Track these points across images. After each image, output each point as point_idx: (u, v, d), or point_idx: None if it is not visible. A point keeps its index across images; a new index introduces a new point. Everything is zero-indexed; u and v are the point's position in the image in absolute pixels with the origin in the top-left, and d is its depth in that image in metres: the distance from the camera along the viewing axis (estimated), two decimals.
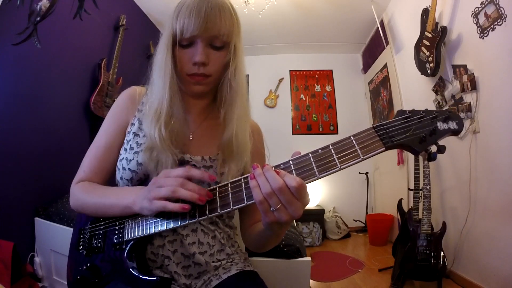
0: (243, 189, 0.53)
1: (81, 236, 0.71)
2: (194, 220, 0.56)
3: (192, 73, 0.67)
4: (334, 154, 0.50)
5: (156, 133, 0.64)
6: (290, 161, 0.52)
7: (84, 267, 0.66)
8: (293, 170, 0.51)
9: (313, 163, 0.50)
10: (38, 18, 1.53)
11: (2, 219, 1.58)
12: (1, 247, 1.37)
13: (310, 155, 0.51)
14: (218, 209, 0.54)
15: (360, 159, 0.49)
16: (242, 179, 0.54)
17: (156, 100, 0.67)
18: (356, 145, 0.50)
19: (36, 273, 1.67)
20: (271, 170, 0.49)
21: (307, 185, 0.49)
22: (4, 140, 1.62)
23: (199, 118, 0.76)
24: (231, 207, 0.53)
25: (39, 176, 1.82)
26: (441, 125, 0.50)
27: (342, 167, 0.49)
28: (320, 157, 0.50)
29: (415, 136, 0.50)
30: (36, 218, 1.74)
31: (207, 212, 0.55)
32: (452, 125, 0.50)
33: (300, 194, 0.48)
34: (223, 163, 0.69)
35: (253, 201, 0.50)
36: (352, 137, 0.51)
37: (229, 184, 0.55)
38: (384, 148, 0.49)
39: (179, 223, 0.57)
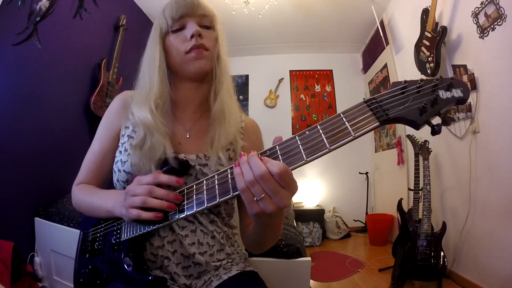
0: (216, 185, 0.52)
1: (85, 239, 0.73)
2: (172, 221, 0.57)
3: (191, 47, 0.69)
4: (322, 135, 0.45)
5: (148, 112, 0.67)
6: (277, 146, 0.49)
7: (86, 270, 0.67)
8: (280, 156, 0.47)
9: (300, 146, 0.46)
10: (38, 18, 1.53)
11: (2, 219, 1.58)
12: (1, 247, 1.37)
13: (296, 137, 0.47)
14: (194, 207, 0.54)
15: (351, 137, 0.44)
16: (216, 175, 0.54)
17: (146, 85, 0.70)
18: (346, 122, 0.45)
19: (36, 273, 1.66)
20: (255, 157, 0.46)
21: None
22: (4, 140, 1.62)
23: (195, 114, 0.77)
24: (205, 205, 0.52)
25: (39, 176, 1.82)
26: (443, 94, 0.44)
27: (331, 147, 0.44)
28: (308, 139, 0.46)
29: (414, 107, 0.44)
30: (36, 218, 1.73)
31: (184, 212, 0.56)
32: (457, 92, 0.44)
33: (285, 181, 0.44)
34: (213, 136, 0.71)
35: (217, 201, 0.51)
36: (341, 114, 0.46)
37: (204, 181, 0.55)
38: (378, 123, 0.44)
39: (155, 226, 0.57)
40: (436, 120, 0.45)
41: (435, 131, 0.44)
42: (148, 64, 0.72)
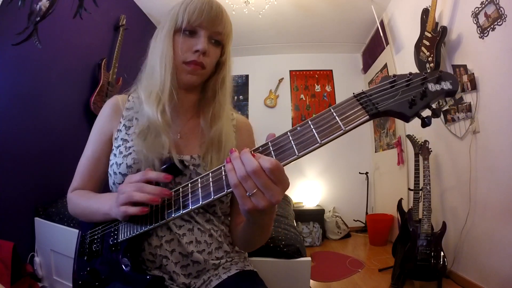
0: (211, 183, 0.53)
1: (83, 241, 0.73)
2: (168, 220, 0.56)
3: (191, 60, 0.68)
4: (313, 130, 0.46)
5: (159, 112, 0.67)
6: (269, 143, 0.49)
7: (85, 272, 0.67)
8: (272, 152, 0.48)
9: (292, 141, 0.47)
10: (38, 18, 1.53)
11: (2, 219, 1.58)
12: (1, 247, 1.37)
13: (288, 133, 0.48)
14: (190, 205, 0.54)
15: (342, 131, 0.45)
16: (210, 173, 0.54)
17: (157, 82, 0.69)
18: (336, 117, 0.46)
19: (36, 273, 1.67)
20: (247, 153, 0.47)
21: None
22: (4, 140, 1.62)
23: (186, 116, 0.77)
24: (200, 202, 0.52)
25: (39, 176, 1.82)
26: (432, 87, 0.45)
27: (322, 142, 0.45)
28: (299, 135, 0.47)
29: (403, 100, 0.45)
30: (36, 218, 1.74)
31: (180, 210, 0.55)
32: (446, 85, 0.45)
33: (276, 177, 0.45)
34: (206, 157, 0.71)
35: (212, 198, 0.51)
36: (332, 109, 0.47)
37: (198, 179, 0.55)
38: (368, 117, 0.45)
39: (151, 226, 0.57)
40: (427, 113, 0.46)
41: (425, 123, 0.45)
42: (160, 57, 0.69)
